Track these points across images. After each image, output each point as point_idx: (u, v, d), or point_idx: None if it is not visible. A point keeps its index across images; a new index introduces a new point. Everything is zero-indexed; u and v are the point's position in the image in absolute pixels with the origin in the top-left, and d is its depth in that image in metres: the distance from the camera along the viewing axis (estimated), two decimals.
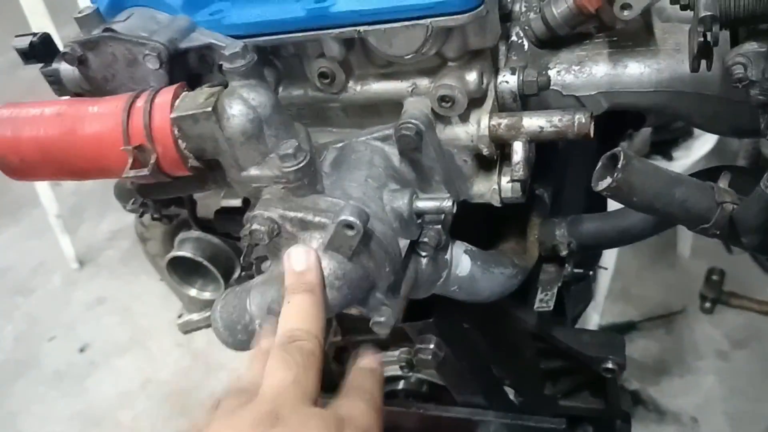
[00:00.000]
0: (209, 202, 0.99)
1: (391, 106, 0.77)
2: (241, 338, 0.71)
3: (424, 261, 0.74)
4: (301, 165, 0.65)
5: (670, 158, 2.22)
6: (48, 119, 0.69)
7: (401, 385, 1.10)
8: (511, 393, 1.03)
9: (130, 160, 0.66)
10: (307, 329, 0.61)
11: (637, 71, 0.75)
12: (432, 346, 0.86)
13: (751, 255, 2.25)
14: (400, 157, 0.75)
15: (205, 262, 1.10)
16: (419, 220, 0.72)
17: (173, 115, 0.66)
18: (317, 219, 0.65)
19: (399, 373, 1.07)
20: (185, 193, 0.82)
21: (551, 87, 0.76)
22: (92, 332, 2.71)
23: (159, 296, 2.45)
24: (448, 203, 0.70)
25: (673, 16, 0.77)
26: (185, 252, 1.10)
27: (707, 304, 2.36)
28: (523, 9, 0.80)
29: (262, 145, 0.67)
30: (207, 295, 1.17)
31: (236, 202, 0.98)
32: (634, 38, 0.77)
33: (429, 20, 0.66)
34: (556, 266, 0.90)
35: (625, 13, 0.71)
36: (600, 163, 0.68)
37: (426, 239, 0.72)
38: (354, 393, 0.64)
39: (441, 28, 0.67)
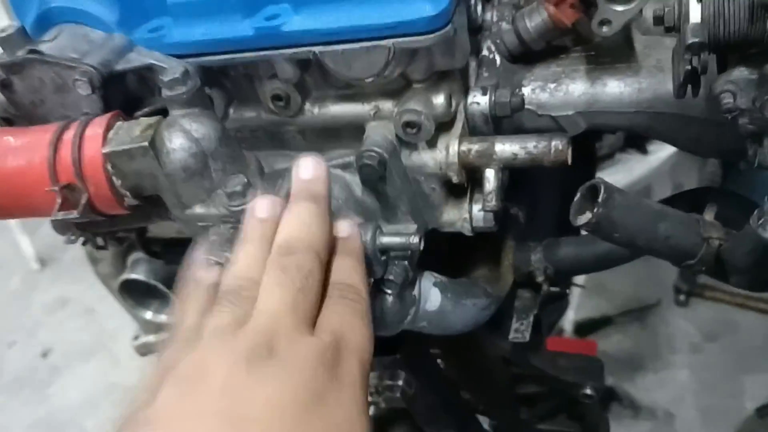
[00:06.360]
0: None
1: (352, 130, 0.71)
2: None
3: (389, 299, 0.68)
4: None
5: (645, 152, 2.19)
6: None
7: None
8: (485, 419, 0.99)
9: (59, 200, 0.59)
10: (307, 241, 0.55)
11: (616, 90, 0.70)
12: (401, 382, 0.81)
13: None
14: (363, 186, 0.69)
15: (160, 286, 1.03)
16: (384, 257, 0.67)
17: (106, 150, 0.59)
18: None
19: None
20: (127, 227, 0.76)
21: (525, 107, 0.71)
22: (55, 336, 2.60)
23: None
24: (414, 240, 0.64)
25: (653, 29, 0.71)
26: (138, 275, 1.03)
27: (681, 297, 2.34)
28: (495, 19, 0.74)
29: (207, 181, 0.61)
30: (163, 317, 1.10)
31: None
32: (613, 53, 0.72)
33: (391, 41, 0.60)
34: (531, 292, 0.85)
35: (604, 29, 0.66)
36: (578, 195, 0.62)
37: (391, 276, 0.66)
38: (338, 300, 0.54)
39: (404, 49, 0.61)
